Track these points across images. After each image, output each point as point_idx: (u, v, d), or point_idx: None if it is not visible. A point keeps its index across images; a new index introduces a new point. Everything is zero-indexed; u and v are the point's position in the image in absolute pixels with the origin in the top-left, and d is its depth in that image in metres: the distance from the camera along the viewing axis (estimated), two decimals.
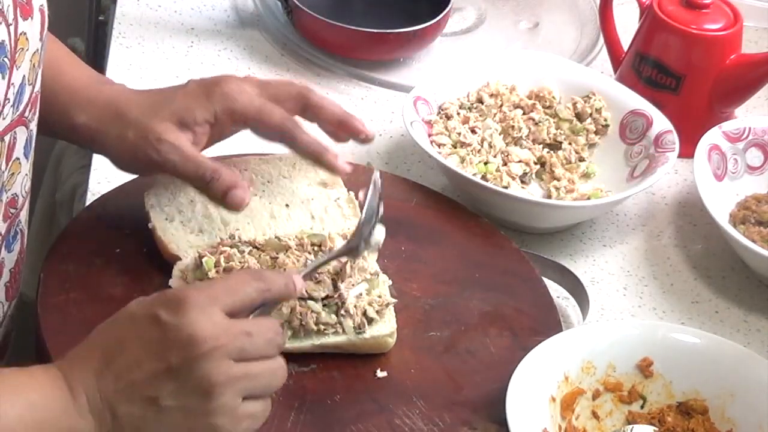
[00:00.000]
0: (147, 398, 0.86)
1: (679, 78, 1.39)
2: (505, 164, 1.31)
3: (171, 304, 0.87)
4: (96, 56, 1.91)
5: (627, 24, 1.49)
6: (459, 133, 1.32)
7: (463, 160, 1.30)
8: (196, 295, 0.88)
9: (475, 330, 1.10)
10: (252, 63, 1.47)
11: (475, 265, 1.17)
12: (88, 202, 1.20)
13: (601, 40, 1.50)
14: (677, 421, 1.06)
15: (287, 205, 1.15)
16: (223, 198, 1.09)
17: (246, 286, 0.91)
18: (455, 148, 1.31)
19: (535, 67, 1.40)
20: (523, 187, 1.30)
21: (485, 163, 1.30)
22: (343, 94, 1.44)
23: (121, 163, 1.12)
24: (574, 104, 1.37)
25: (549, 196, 1.30)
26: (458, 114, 1.34)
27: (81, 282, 1.07)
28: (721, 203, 1.29)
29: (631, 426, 1.05)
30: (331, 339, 1.04)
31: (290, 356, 1.04)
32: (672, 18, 1.39)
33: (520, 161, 1.32)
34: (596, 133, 1.36)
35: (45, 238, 1.99)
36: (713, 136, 1.33)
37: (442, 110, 1.34)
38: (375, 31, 1.45)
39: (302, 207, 1.16)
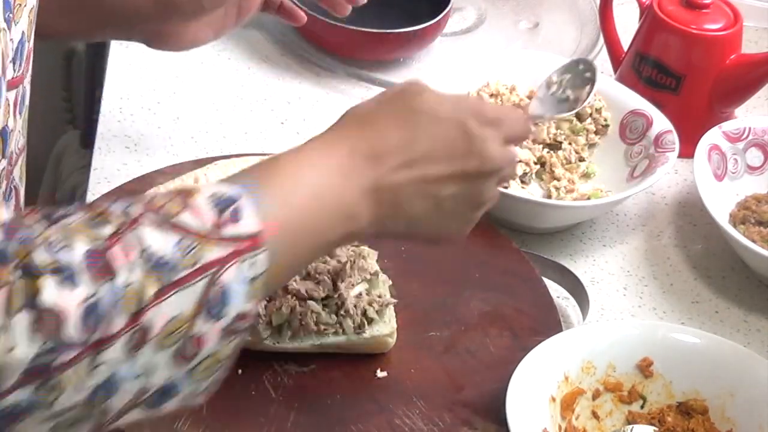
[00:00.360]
0: (430, 194, 0.91)
1: (679, 78, 1.39)
2: None
3: (480, 118, 0.93)
4: (96, 56, 1.91)
5: (627, 24, 1.49)
6: None
7: None
8: (498, 116, 0.95)
9: (475, 330, 1.10)
10: (252, 63, 1.47)
11: (475, 265, 1.17)
12: (88, 202, 1.20)
13: (601, 40, 1.50)
14: (677, 421, 1.06)
15: None
16: None
17: (520, 129, 0.98)
18: None
19: (535, 67, 1.40)
20: (523, 187, 1.30)
21: None
22: (343, 94, 1.44)
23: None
24: None
25: (549, 196, 1.30)
26: None
27: None
28: (721, 203, 1.29)
29: (631, 426, 1.05)
30: (331, 339, 1.04)
31: (290, 356, 1.04)
32: (672, 18, 1.39)
33: (520, 161, 1.31)
34: (596, 133, 1.36)
35: None
36: (713, 136, 1.33)
37: None
38: (375, 31, 1.45)
39: None
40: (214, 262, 0.77)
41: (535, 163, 1.33)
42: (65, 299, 0.72)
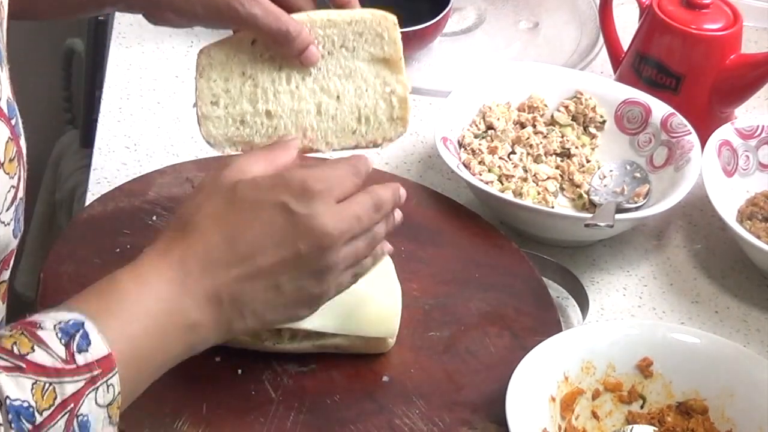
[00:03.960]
0: (268, 286, 0.90)
1: (679, 78, 1.39)
2: (536, 184, 1.30)
3: (298, 194, 0.90)
4: (96, 56, 1.91)
5: (627, 24, 1.49)
6: (500, 167, 1.30)
7: (519, 193, 1.28)
8: (319, 186, 0.91)
9: (475, 330, 1.10)
10: None
11: (475, 265, 1.17)
12: (88, 202, 1.20)
13: (601, 40, 1.50)
14: (677, 421, 1.06)
15: (338, 98, 1.10)
16: (300, 54, 1.03)
17: (349, 184, 0.94)
18: (502, 183, 1.29)
19: (521, 79, 1.39)
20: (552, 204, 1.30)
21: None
22: None
23: (185, 11, 1.06)
24: (566, 107, 1.37)
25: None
26: (480, 147, 1.32)
27: (81, 282, 1.07)
28: (729, 199, 1.30)
29: (631, 426, 1.05)
30: (330, 339, 1.04)
31: (290, 356, 1.04)
32: (672, 18, 1.39)
33: (548, 178, 1.31)
34: (595, 129, 1.36)
35: (44, 239, 2.00)
36: (725, 131, 1.33)
37: (465, 147, 1.32)
38: None
39: (352, 102, 1.08)
40: (69, 398, 0.78)
41: (561, 176, 1.32)
42: None
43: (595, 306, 1.21)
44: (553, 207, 1.27)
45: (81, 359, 0.80)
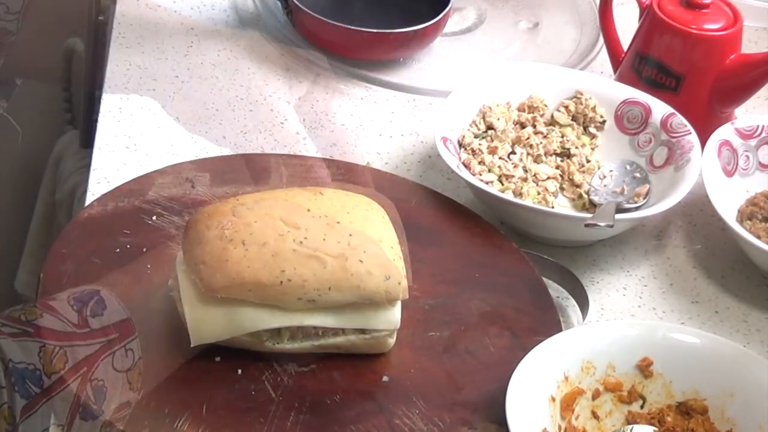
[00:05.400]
0: None
1: (679, 78, 1.39)
2: (536, 184, 1.30)
3: None
4: (96, 56, 1.91)
5: (627, 24, 1.49)
6: (500, 167, 1.30)
7: (519, 193, 1.28)
8: None
9: (475, 330, 1.10)
10: (252, 63, 1.47)
11: (475, 265, 1.17)
12: (88, 202, 1.20)
13: (601, 40, 1.50)
14: (677, 421, 1.06)
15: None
16: None
17: None
18: (502, 183, 1.29)
19: (521, 79, 1.39)
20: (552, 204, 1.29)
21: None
22: (343, 94, 1.44)
23: None
24: (566, 107, 1.37)
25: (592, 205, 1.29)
26: (480, 147, 1.32)
27: (80, 282, 1.07)
28: (729, 199, 1.30)
29: (631, 426, 1.05)
30: (330, 340, 1.04)
31: (290, 356, 1.04)
32: (672, 18, 1.39)
33: (548, 178, 1.31)
34: (595, 129, 1.37)
35: (44, 239, 1.99)
36: (725, 131, 1.33)
37: (465, 147, 1.32)
38: (375, 31, 1.45)
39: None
40: (81, 362, 0.76)
41: (561, 176, 1.32)
42: None
43: (595, 306, 1.21)
44: (553, 207, 1.27)
45: (95, 323, 0.78)
